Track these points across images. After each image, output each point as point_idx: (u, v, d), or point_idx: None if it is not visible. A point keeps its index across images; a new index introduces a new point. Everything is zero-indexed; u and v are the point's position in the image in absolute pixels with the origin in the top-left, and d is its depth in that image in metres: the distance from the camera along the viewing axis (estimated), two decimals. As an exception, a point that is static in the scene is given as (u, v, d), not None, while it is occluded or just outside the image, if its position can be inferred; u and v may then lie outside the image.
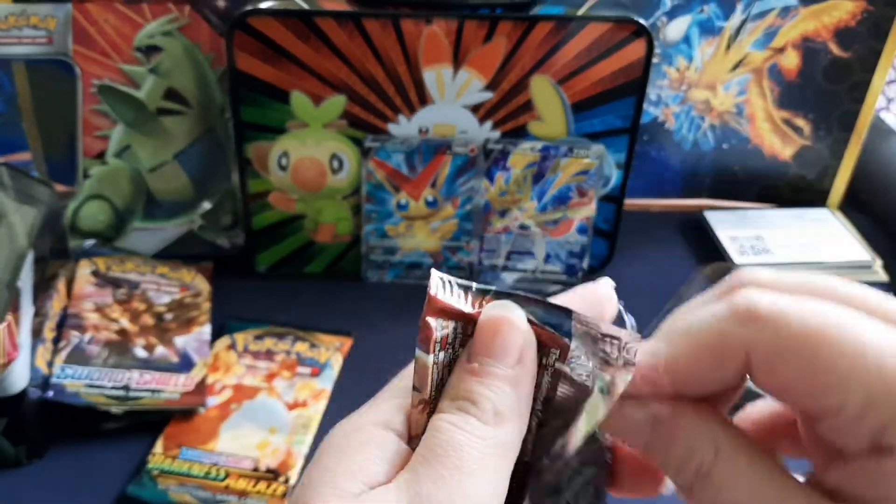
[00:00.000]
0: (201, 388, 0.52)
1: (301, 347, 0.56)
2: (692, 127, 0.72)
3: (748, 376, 0.20)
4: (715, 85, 0.71)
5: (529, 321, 0.21)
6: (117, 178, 0.64)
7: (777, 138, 0.73)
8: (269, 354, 0.56)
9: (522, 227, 0.64)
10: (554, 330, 0.21)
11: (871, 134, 0.73)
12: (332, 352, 0.56)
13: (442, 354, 0.21)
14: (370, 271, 0.65)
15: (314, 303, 0.63)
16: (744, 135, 0.73)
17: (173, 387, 0.51)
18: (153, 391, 0.50)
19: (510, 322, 0.21)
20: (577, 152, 0.60)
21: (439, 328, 0.21)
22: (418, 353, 0.21)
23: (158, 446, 0.49)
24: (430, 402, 0.21)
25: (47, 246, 0.53)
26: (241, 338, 0.57)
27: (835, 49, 0.68)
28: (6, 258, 0.49)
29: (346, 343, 0.58)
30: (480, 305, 0.21)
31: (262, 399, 0.52)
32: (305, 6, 0.55)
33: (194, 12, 0.60)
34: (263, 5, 0.55)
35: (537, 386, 0.21)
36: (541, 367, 0.21)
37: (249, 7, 0.55)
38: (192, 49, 0.61)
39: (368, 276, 0.66)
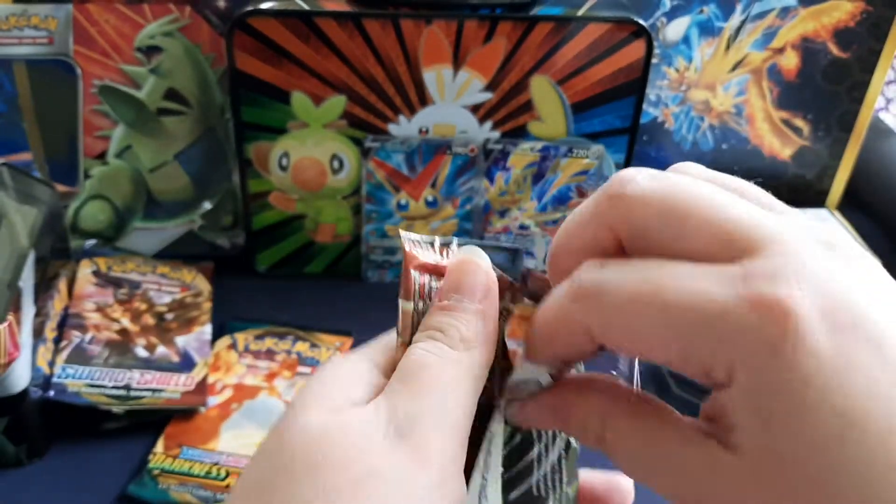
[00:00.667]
0: (202, 388, 0.52)
1: (301, 347, 0.57)
2: (691, 127, 0.73)
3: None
4: (714, 85, 0.71)
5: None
6: (118, 179, 0.64)
7: (776, 138, 0.73)
8: (269, 354, 0.56)
9: (522, 227, 0.64)
10: (507, 274, 0.24)
11: (870, 134, 0.74)
12: (333, 351, 0.57)
13: (421, 304, 0.24)
14: (370, 271, 0.66)
15: (314, 302, 0.63)
16: (743, 135, 0.73)
17: (174, 386, 0.51)
18: (154, 391, 0.51)
19: (476, 263, 0.24)
20: (577, 152, 0.60)
21: (416, 280, 0.24)
22: (400, 302, 0.24)
23: (159, 446, 0.49)
24: (408, 344, 0.23)
25: (48, 246, 0.53)
26: (241, 337, 0.57)
27: (834, 49, 0.68)
28: (7, 258, 0.49)
29: (347, 342, 0.58)
30: (446, 256, 0.24)
31: (263, 399, 0.52)
32: (306, 6, 0.55)
33: (195, 13, 0.60)
34: (264, 6, 0.55)
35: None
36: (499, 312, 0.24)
37: (250, 7, 0.55)
38: (192, 49, 0.61)
39: (368, 276, 0.66)
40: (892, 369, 0.17)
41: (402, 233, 0.24)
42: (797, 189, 0.75)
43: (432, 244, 0.24)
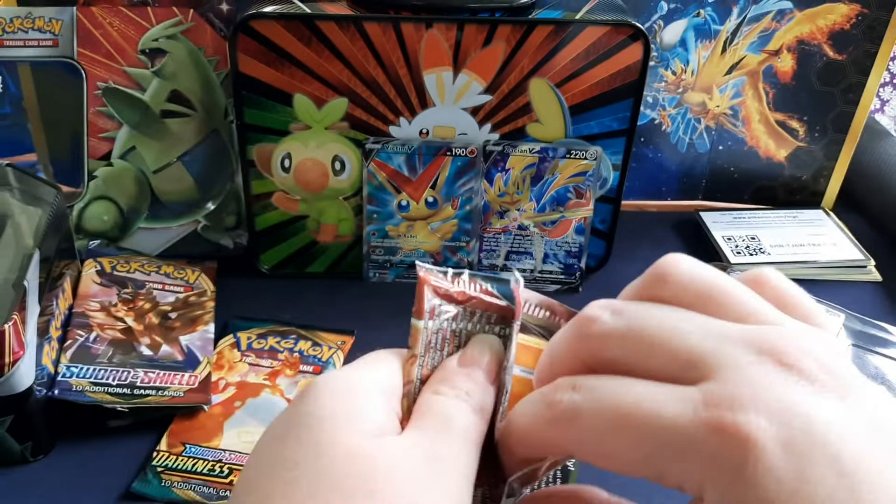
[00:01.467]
0: (206, 386, 0.52)
1: (304, 346, 0.57)
2: (688, 129, 0.73)
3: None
4: (711, 87, 0.71)
5: (485, 290, 0.27)
6: (122, 180, 0.64)
7: (772, 140, 0.74)
8: (272, 353, 0.56)
9: (521, 227, 0.64)
10: (509, 302, 0.27)
11: (865, 135, 0.74)
12: (335, 350, 0.57)
13: (431, 323, 0.27)
14: (372, 271, 0.66)
15: (317, 302, 0.63)
16: (739, 137, 0.74)
17: (178, 385, 0.52)
18: (158, 389, 0.51)
19: (491, 345, 0.27)
20: (575, 154, 0.61)
21: (429, 300, 0.27)
22: (413, 320, 0.27)
23: (163, 443, 0.49)
24: (417, 356, 0.27)
25: (53, 246, 0.54)
26: (244, 336, 0.58)
27: (829, 52, 0.69)
28: (12, 258, 0.50)
29: (348, 341, 0.58)
30: (457, 284, 0.27)
31: (266, 397, 0.53)
32: (307, 10, 0.56)
33: (198, 16, 0.61)
34: (266, 9, 0.56)
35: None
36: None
37: (252, 11, 0.56)
38: (195, 52, 0.62)
39: (370, 276, 0.66)
40: (848, 482, 0.18)
41: (418, 263, 0.27)
42: (793, 190, 0.76)
43: (445, 273, 0.27)
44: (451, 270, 0.27)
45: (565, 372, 0.24)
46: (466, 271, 0.27)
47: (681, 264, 0.23)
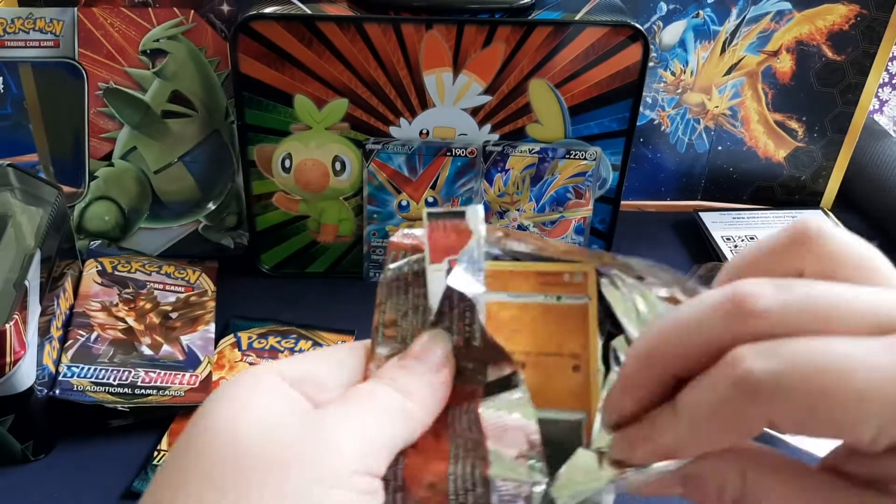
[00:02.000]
0: (206, 386, 0.52)
1: (304, 346, 0.57)
2: (687, 129, 0.73)
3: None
4: (710, 88, 0.72)
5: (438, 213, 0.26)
6: (123, 180, 0.64)
7: (771, 140, 0.74)
8: (272, 352, 0.57)
9: (521, 227, 0.64)
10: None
11: (864, 136, 0.75)
12: (334, 350, 0.57)
13: (390, 271, 0.26)
14: (372, 271, 0.66)
15: (317, 302, 0.64)
16: (738, 137, 0.74)
17: (179, 384, 0.52)
18: (159, 388, 0.51)
19: (441, 345, 0.25)
20: (575, 154, 0.61)
21: (390, 258, 0.26)
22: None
23: (164, 443, 0.50)
24: (377, 337, 0.26)
25: (54, 246, 0.54)
26: (245, 336, 0.58)
27: (828, 52, 0.69)
28: (14, 258, 0.50)
29: (349, 341, 0.59)
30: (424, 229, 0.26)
31: (266, 396, 0.53)
32: (308, 11, 0.56)
33: (199, 17, 0.61)
34: (267, 10, 0.56)
35: None
36: None
37: (253, 11, 0.56)
38: (196, 53, 0.62)
39: (370, 276, 0.66)
40: None
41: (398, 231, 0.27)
42: (792, 190, 0.76)
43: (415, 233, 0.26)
44: (421, 229, 0.26)
45: (709, 359, 0.20)
46: (428, 211, 0.26)
47: (766, 293, 0.20)
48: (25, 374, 0.46)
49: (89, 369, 0.51)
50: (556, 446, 0.24)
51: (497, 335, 0.25)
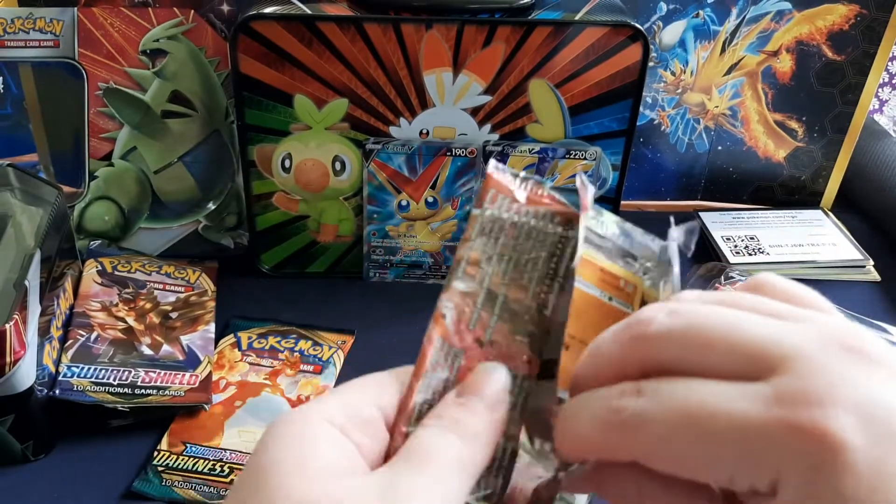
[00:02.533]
0: (206, 386, 0.52)
1: (304, 345, 0.57)
2: (687, 129, 0.73)
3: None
4: (710, 88, 0.72)
5: (551, 196, 0.28)
6: (123, 180, 0.64)
7: (771, 140, 0.74)
8: (272, 352, 0.57)
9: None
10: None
11: (864, 136, 0.75)
12: (335, 350, 0.57)
13: (489, 211, 0.27)
14: (372, 271, 0.66)
15: (317, 301, 0.64)
16: (738, 137, 0.74)
17: (179, 384, 0.52)
18: (159, 388, 0.51)
19: (497, 376, 0.26)
20: (575, 154, 0.61)
21: (490, 194, 0.27)
22: (472, 211, 0.27)
23: (164, 443, 0.50)
24: (421, 376, 0.25)
25: (54, 246, 0.54)
26: (245, 336, 0.58)
27: (828, 52, 0.69)
28: (14, 258, 0.50)
29: (349, 341, 0.59)
30: (524, 186, 0.27)
31: (266, 396, 0.53)
32: (308, 11, 0.56)
33: (199, 17, 0.61)
34: (267, 10, 0.56)
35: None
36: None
37: (253, 11, 0.56)
38: (196, 53, 0.62)
39: (370, 276, 0.67)
40: None
41: (492, 163, 0.27)
42: (792, 190, 0.76)
43: (515, 175, 0.27)
44: (521, 173, 0.27)
45: (615, 375, 0.23)
46: (535, 177, 0.27)
47: (658, 318, 0.22)
48: (25, 374, 0.47)
49: (89, 369, 0.51)
50: None
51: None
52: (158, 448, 0.49)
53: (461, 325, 0.26)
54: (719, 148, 0.74)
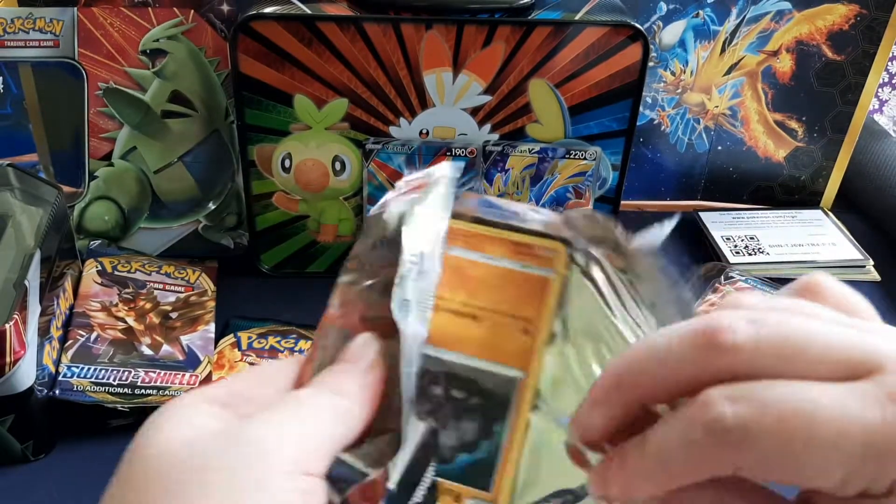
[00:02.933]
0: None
1: (304, 345, 0.57)
2: (687, 129, 0.74)
3: None
4: (710, 88, 0.72)
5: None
6: (123, 180, 0.64)
7: (771, 140, 0.74)
8: (272, 352, 0.57)
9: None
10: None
11: (864, 135, 0.75)
12: (334, 350, 0.57)
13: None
14: (371, 271, 0.66)
15: (317, 301, 0.62)
16: (738, 137, 0.74)
17: (179, 384, 0.52)
18: (159, 388, 0.51)
19: (371, 351, 0.27)
20: (575, 154, 0.61)
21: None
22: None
23: (164, 442, 0.50)
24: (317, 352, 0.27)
25: (54, 246, 0.54)
26: (245, 336, 0.58)
27: (828, 52, 0.69)
28: (13, 258, 0.50)
29: (348, 341, 0.59)
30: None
31: (266, 396, 0.53)
32: (307, 11, 0.56)
33: (199, 16, 0.61)
34: (266, 10, 0.56)
35: None
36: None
37: (253, 11, 0.56)
38: (196, 53, 0.62)
39: (369, 276, 0.67)
40: None
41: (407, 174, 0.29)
42: (791, 190, 0.76)
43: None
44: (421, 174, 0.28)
45: (679, 389, 0.21)
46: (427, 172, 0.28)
47: (740, 326, 0.21)
48: (25, 374, 0.47)
49: (89, 369, 0.51)
50: (487, 396, 0.26)
51: (461, 289, 0.26)
52: (158, 448, 0.49)
53: (348, 308, 0.28)
54: (719, 148, 0.74)
